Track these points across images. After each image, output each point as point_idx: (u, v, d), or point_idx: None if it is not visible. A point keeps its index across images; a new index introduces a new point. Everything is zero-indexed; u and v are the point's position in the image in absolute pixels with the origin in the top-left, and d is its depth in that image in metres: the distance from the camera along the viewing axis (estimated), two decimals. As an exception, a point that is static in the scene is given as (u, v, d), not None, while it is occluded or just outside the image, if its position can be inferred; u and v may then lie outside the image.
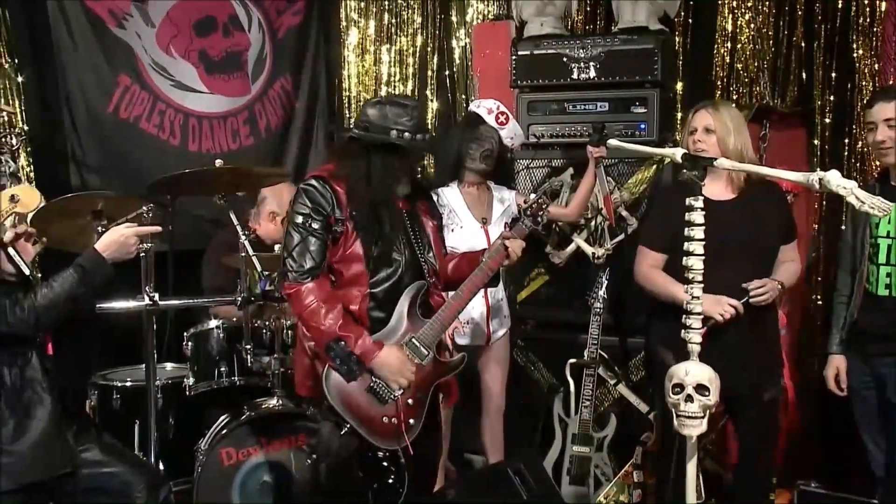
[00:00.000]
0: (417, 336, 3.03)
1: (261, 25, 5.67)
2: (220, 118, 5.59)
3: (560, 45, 4.59)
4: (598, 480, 4.12)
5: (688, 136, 3.39)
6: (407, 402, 3.02)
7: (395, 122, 3.00)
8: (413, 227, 3.15)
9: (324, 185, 3.01)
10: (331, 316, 2.90)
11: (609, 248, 4.25)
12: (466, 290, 3.10)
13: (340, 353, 2.89)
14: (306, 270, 2.94)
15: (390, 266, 3.04)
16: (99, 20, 5.13)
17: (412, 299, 3.06)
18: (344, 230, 3.00)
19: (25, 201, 2.43)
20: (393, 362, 2.95)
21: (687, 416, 2.61)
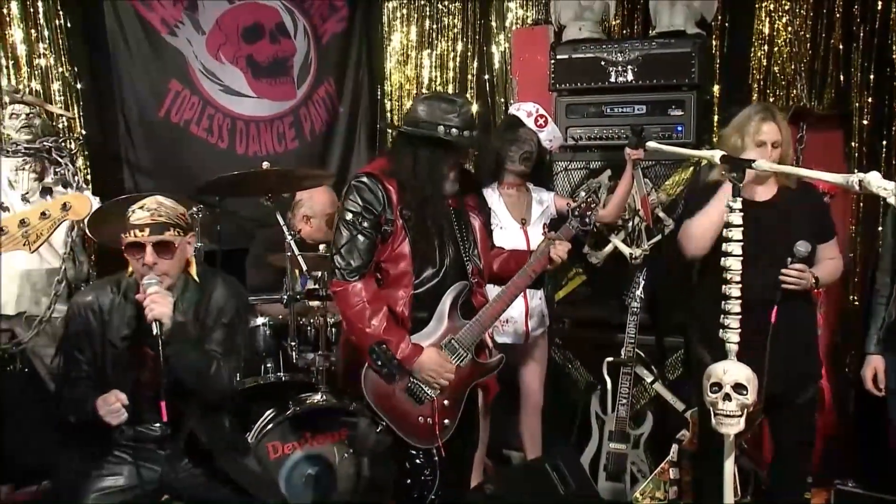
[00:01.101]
0: (457, 337, 3.00)
1: (306, 32, 5.70)
2: (266, 122, 5.63)
3: (598, 48, 4.55)
4: (635, 477, 4.08)
5: (755, 147, 3.26)
6: (443, 402, 3.01)
7: (442, 117, 2.96)
8: (459, 224, 3.11)
9: (375, 183, 2.97)
10: (375, 318, 2.88)
11: (646, 249, 4.21)
12: (508, 293, 3.06)
13: (382, 356, 2.88)
14: (354, 269, 2.92)
15: (435, 265, 3.01)
16: (152, 28, 5.20)
17: (454, 300, 3.03)
18: (393, 229, 2.96)
19: (77, 209, 2.45)
20: (433, 366, 2.93)
21: (725, 414, 2.58)
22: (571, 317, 4.63)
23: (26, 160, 4.28)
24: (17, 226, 2.33)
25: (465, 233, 3.11)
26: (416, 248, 2.98)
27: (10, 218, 2.35)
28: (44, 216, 2.37)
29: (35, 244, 2.38)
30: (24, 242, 2.36)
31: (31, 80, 4.89)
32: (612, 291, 4.35)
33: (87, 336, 2.87)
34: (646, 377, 4.14)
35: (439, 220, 3.03)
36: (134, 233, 2.78)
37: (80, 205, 2.44)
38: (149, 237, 2.78)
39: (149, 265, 2.79)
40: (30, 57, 4.90)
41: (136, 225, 2.79)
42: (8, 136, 4.35)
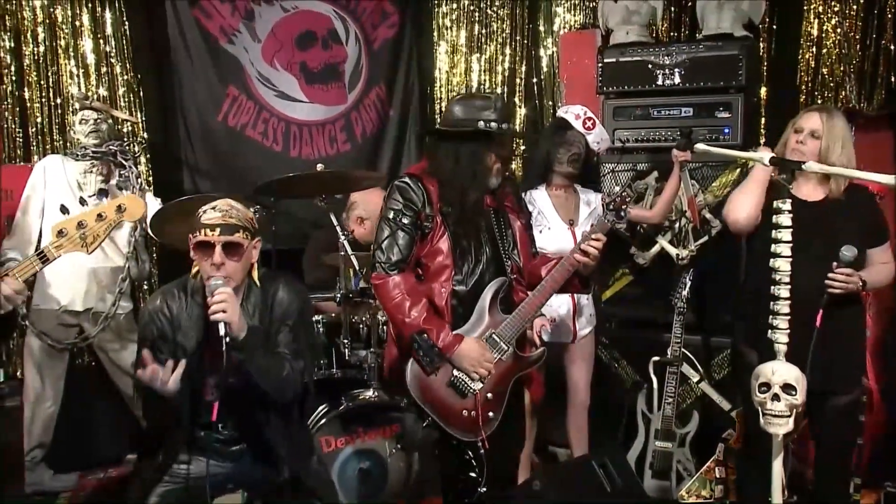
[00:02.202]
0: (498, 331, 3.01)
1: (357, 38, 5.73)
2: (318, 125, 5.68)
3: (645, 52, 4.53)
4: (680, 475, 4.04)
5: (792, 133, 3.24)
6: (486, 396, 3.01)
7: (479, 113, 3.01)
8: (499, 224, 3.13)
9: (416, 183, 3.02)
10: (415, 309, 2.91)
11: (693, 250, 4.17)
12: (547, 286, 3.05)
13: (423, 345, 2.90)
14: (393, 263, 2.96)
15: (474, 262, 3.04)
16: (211, 37, 5.30)
17: (494, 295, 3.04)
18: (433, 226, 3.00)
19: (131, 210, 2.48)
20: (472, 354, 2.93)
21: (773, 414, 2.55)
22: (618, 316, 4.59)
23: (94, 163, 4.37)
24: (76, 228, 2.37)
25: (504, 231, 3.13)
26: (455, 243, 3.01)
27: (69, 220, 2.39)
28: (100, 218, 2.41)
29: (92, 245, 2.41)
30: (81, 244, 2.39)
31: (99, 86, 5.00)
32: (658, 292, 4.30)
33: (162, 340, 2.84)
34: (692, 376, 4.10)
35: (478, 215, 3.06)
36: (204, 232, 2.73)
37: (134, 206, 2.47)
38: (219, 237, 2.73)
39: (217, 265, 2.74)
40: (98, 65, 5.01)
41: (206, 224, 2.74)
42: (77, 140, 4.45)
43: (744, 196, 3.25)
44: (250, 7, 5.39)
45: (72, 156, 4.43)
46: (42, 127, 4.91)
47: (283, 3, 5.50)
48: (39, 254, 2.36)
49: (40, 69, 4.89)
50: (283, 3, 5.49)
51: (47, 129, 4.92)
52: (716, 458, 3.77)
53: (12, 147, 4.81)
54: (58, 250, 2.37)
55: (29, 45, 4.86)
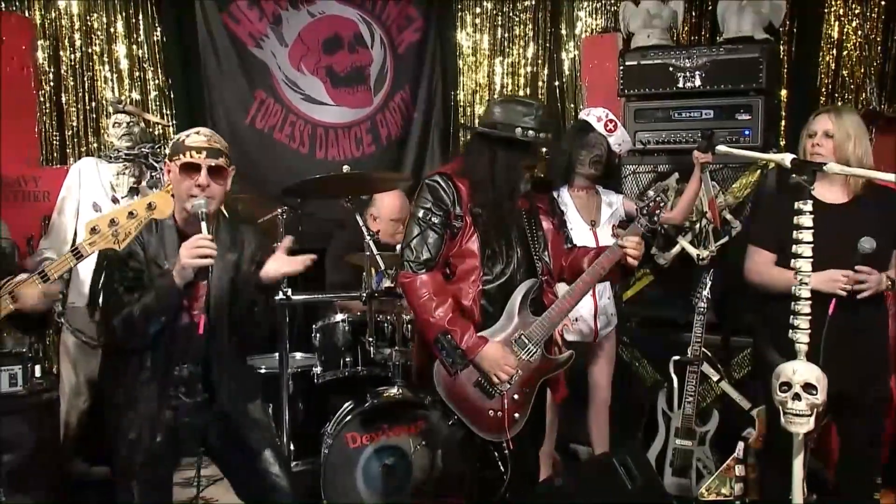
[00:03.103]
0: (527, 333, 2.96)
1: (382, 42, 5.74)
2: (344, 128, 5.70)
3: (666, 55, 4.51)
4: (700, 473, 4.02)
5: (807, 138, 3.23)
6: (513, 397, 2.96)
7: (519, 119, 2.93)
8: (530, 225, 3.07)
9: (447, 182, 2.96)
10: (441, 309, 2.86)
11: (713, 250, 4.14)
12: (578, 289, 3.01)
13: (447, 345, 2.85)
14: (422, 262, 2.92)
15: (504, 263, 2.99)
16: (240, 41, 5.33)
17: (524, 296, 2.99)
18: (463, 225, 2.95)
19: (161, 207, 2.48)
20: (495, 356, 2.87)
21: (794, 413, 2.52)
22: (639, 316, 4.57)
23: (126, 165, 4.40)
24: (108, 225, 2.38)
25: (535, 233, 3.08)
26: (484, 244, 2.97)
27: (102, 218, 2.39)
28: (131, 216, 2.41)
29: (124, 242, 2.42)
30: (114, 241, 2.40)
31: (132, 91, 5.05)
32: (679, 292, 4.27)
33: (132, 258, 2.75)
34: (712, 376, 4.07)
35: (511, 219, 3.01)
36: (191, 153, 2.74)
37: (163, 203, 2.47)
38: (205, 159, 2.75)
39: (202, 186, 2.74)
40: (131, 70, 5.06)
41: (192, 147, 2.76)
42: (111, 143, 4.49)
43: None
44: (278, 12, 5.42)
45: (105, 158, 4.46)
46: (78, 130, 4.97)
47: (310, 8, 5.52)
48: (74, 250, 2.38)
49: (77, 74, 4.95)
50: (310, 7, 5.52)
51: (83, 132, 4.98)
52: (736, 456, 3.73)
53: (49, 150, 4.88)
54: (91, 247, 2.38)
55: (66, 51, 4.93)
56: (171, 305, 2.71)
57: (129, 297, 2.70)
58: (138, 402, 2.77)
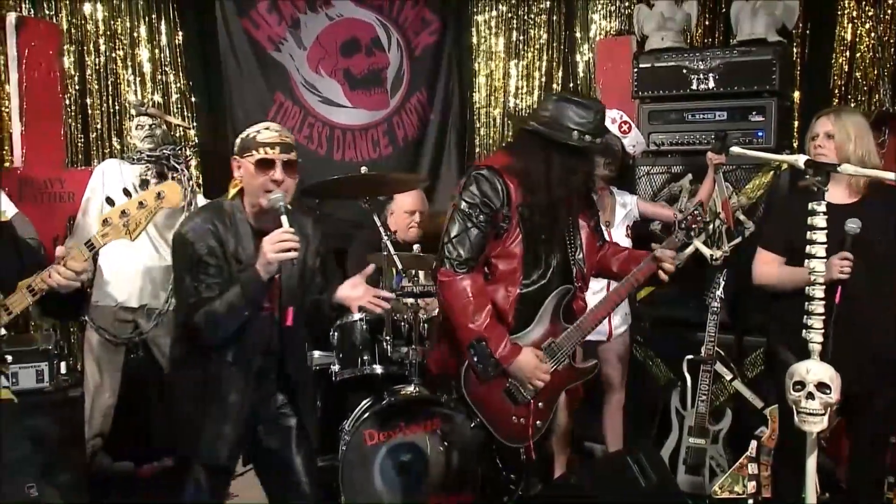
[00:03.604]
0: (557, 341, 2.89)
1: (399, 45, 5.75)
2: (361, 130, 5.72)
3: (680, 57, 4.50)
4: (713, 471, 4.00)
5: (809, 141, 3.23)
6: (538, 404, 2.90)
7: (577, 122, 2.74)
8: (569, 229, 2.94)
9: (496, 176, 2.78)
10: (479, 315, 2.74)
11: (726, 251, 4.08)
12: (611, 300, 2.96)
13: (481, 352, 2.76)
14: (463, 261, 2.76)
15: (542, 268, 2.86)
16: (259, 45, 5.35)
17: (557, 303, 2.90)
18: (508, 226, 2.80)
19: (170, 197, 2.48)
20: (529, 367, 2.80)
21: (808, 412, 2.50)
22: (653, 316, 4.54)
23: (148, 166, 4.42)
24: (119, 216, 2.38)
25: (573, 237, 2.95)
26: (528, 247, 2.83)
27: (114, 210, 2.39)
28: (141, 206, 2.41)
29: (135, 233, 2.41)
30: (125, 232, 2.40)
31: (154, 93, 5.08)
32: (692, 291, 4.25)
33: (212, 255, 2.70)
34: (725, 375, 4.05)
35: (560, 224, 2.88)
36: (265, 150, 2.68)
37: (172, 193, 2.47)
38: (279, 154, 2.69)
39: (278, 182, 2.68)
40: (153, 74, 5.09)
41: (266, 143, 2.70)
42: (133, 144, 4.51)
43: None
44: (296, 16, 5.44)
45: (128, 159, 4.48)
46: (101, 132, 5.00)
47: (328, 12, 5.54)
48: (87, 243, 2.38)
49: (101, 78, 4.98)
50: (328, 11, 5.54)
51: (106, 134, 5.01)
52: (748, 454, 3.73)
53: (74, 152, 4.91)
54: (104, 238, 2.37)
55: (91, 56, 4.96)
56: (255, 299, 2.67)
57: (210, 293, 2.66)
58: (222, 397, 2.74)
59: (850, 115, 3.21)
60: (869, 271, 3.06)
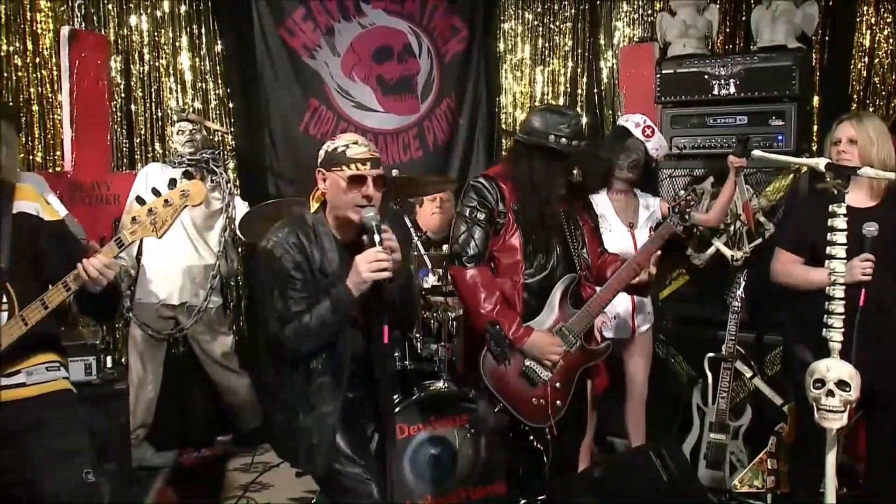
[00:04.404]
0: (567, 325, 3.02)
1: (430, 52, 5.77)
2: (393, 134, 5.73)
3: (702, 63, 4.49)
4: (733, 466, 3.99)
5: (831, 146, 3.19)
6: (555, 385, 3.02)
7: (554, 128, 2.99)
8: (569, 224, 3.13)
9: (490, 183, 3.06)
10: (489, 301, 2.93)
11: (747, 251, 4.11)
12: (614, 284, 3.06)
13: (495, 335, 2.91)
14: (470, 256, 3.00)
15: (545, 258, 3.05)
16: (295, 53, 5.38)
17: (564, 290, 3.04)
18: (506, 222, 3.02)
19: (193, 195, 2.48)
20: (541, 344, 2.96)
21: (828, 409, 2.50)
22: (675, 314, 4.53)
23: (188, 170, 4.47)
24: (146, 214, 2.40)
25: (574, 232, 3.13)
26: (526, 241, 3.03)
27: (142, 208, 2.41)
28: (167, 203, 2.42)
29: (161, 230, 2.42)
30: (152, 229, 2.40)
31: (195, 100, 5.13)
32: (714, 291, 4.25)
33: (298, 270, 2.65)
34: (745, 372, 4.04)
35: (550, 218, 3.05)
36: (357, 166, 2.60)
37: (196, 191, 2.47)
38: (370, 170, 2.61)
39: (370, 198, 2.60)
40: (194, 81, 5.14)
41: (359, 159, 2.61)
42: (175, 149, 4.57)
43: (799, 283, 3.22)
44: (331, 24, 5.46)
45: (170, 163, 4.55)
46: (145, 137, 5.04)
47: (361, 20, 5.55)
48: (116, 239, 2.40)
49: (145, 86, 5.03)
50: (361, 20, 5.55)
51: (149, 139, 5.05)
52: (768, 450, 3.70)
53: (120, 156, 4.95)
54: (132, 235, 2.40)
55: (136, 65, 5.01)
56: (346, 315, 2.62)
57: (298, 307, 2.62)
58: (315, 407, 2.69)
59: (871, 120, 3.19)
60: (887, 271, 3.04)
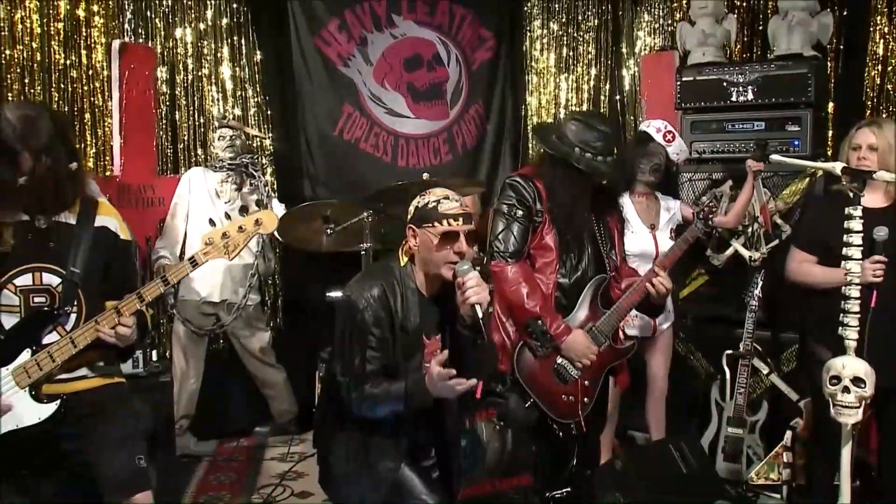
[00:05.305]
0: (597, 325, 2.99)
1: (458, 61, 5.78)
2: (423, 139, 5.75)
3: (720, 71, 4.48)
4: (750, 459, 3.98)
5: (850, 151, 3.17)
6: (584, 383, 3.00)
7: (583, 142, 2.92)
8: (599, 227, 3.09)
9: (527, 181, 3.00)
10: (532, 297, 2.89)
11: (764, 252, 4.09)
12: (642, 286, 3.02)
13: (537, 330, 2.88)
14: (511, 252, 2.94)
15: (577, 259, 3.01)
16: (329, 61, 5.43)
17: (595, 290, 3.02)
18: (542, 221, 2.98)
19: (266, 224, 2.55)
20: (579, 346, 2.93)
21: (843, 405, 2.49)
22: (695, 313, 4.52)
23: (229, 174, 4.54)
24: (220, 238, 2.48)
25: (604, 234, 3.10)
26: (560, 242, 2.99)
27: (216, 231, 2.49)
28: (240, 230, 2.50)
29: (233, 253, 2.50)
30: (224, 252, 2.49)
31: (235, 107, 5.19)
32: (732, 291, 4.24)
33: (378, 326, 2.54)
34: (762, 369, 4.02)
35: (580, 222, 3.01)
36: (448, 222, 2.53)
37: (269, 221, 2.55)
38: (462, 226, 2.54)
39: (462, 253, 2.53)
40: (234, 89, 5.21)
41: (451, 215, 2.54)
42: (216, 154, 4.63)
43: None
44: (364, 35, 5.50)
45: (211, 167, 4.61)
46: (188, 143, 5.11)
47: (393, 31, 5.59)
48: (191, 259, 2.48)
49: (188, 94, 5.09)
50: (393, 31, 5.59)
51: (192, 144, 5.12)
52: (783, 443, 3.69)
53: (164, 161, 5.02)
54: (205, 256, 2.48)
55: (180, 74, 5.07)
56: (417, 406, 2.50)
57: (373, 366, 2.53)
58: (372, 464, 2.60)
59: (889, 126, 3.17)
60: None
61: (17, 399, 2.33)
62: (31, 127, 2.33)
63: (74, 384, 2.48)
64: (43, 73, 4.47)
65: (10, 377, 2.33)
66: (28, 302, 2.39)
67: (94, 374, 2.52)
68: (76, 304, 2.43)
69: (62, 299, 2.41)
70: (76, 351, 2.37)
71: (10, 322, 2.37)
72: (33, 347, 2.36)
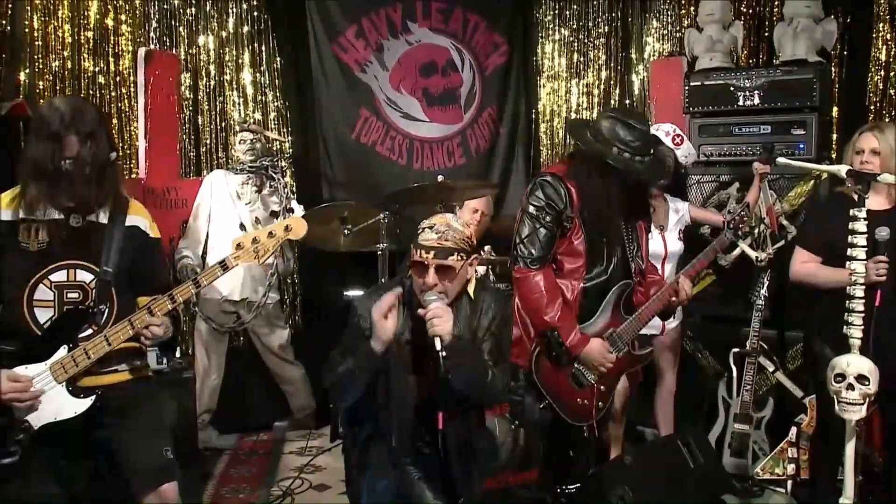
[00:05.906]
0: (618, 331, 2.95)
1: (472, 66, 5.81)
2: (437, 142, 5.78)
3: (727, 76, 4.49)
4: (756, 455, 3.97)
5: (854, 155, 3.17)
6: (600, 388, 2.96)
7: (620, 140, 2.78)
8: (628, 229, 2.98)
9: (558, 182, 2.85)
10: (551, 307, 2.81)
11: (770, 253, 4.07)
12: (666, 294, 2.99)
13: (553, 341, 2.83)
14: (535, 258, 2.83)
15: (603, 264, 2.92)
16: (347, 67, 5.47)
17: (619, 296, 2.95)
18: (572, 225, 2.85)
19: (296, 230, 2.57)
20: (596, 355, 2.87)
21: (848, 402, 2.50)
22: (703, 312, 4.51)
23: (249, 176, 4.56)
24: (251, 243, 2.51)
25: (632, 237, 3.00)
26: (589, 246, 2.88)
27: (246, 236, 2.52)
28: (271, 235, 2.53)
29: (263, 258, 2.53)
30: (254, 256, 2.51)
31: (255, 112, 5.23)
32: (739, 290, 4.23)
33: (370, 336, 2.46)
34: (768, 367, 4.02)
35: (613, 226, 2.92)
36: (420, 253, 2.45)
37: (298, 227, 2.57)
38: (433, 259, 2.42)
39: (429, 286, 2.43)
40: (255, 94, 5.25)
41: (423, 245, 2.45)
42: (237, 157, 4.66)
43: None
44: (380, 41, 5.54)
45: (232, 170, 4.62)
46: (210, 146, 5.15)
47: (408, 38, 5.63)
48: (221, 263, 2.50)
49: (210, 99, 5.13)
50: (408, 37, 5.63)
51: (214, 148, 5.16)
52: (789, 439, 3.70)
53: (187, 164, 5.07)
54: (236, 260, 2.50)
55: (203, 80, 5.12)
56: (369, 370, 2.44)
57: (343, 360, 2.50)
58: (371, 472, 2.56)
59: (891, 130, 3.16)
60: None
61: (55, 393, 2.38)
62: (79, 114, 2.41)
63: (108, 377, 2.52)
64: (73, 79, 4.53)
65: (49, 372, 2.38)
66: (62, 297, 2.44)
67: (125, 368, 2.57)
68: (108, 301, 2.48)
69: (95, 298, 2.46)
70: (110, 349, 2.42)
71: (45, 316, 2.43)
72: (69, 344, 2.41)
